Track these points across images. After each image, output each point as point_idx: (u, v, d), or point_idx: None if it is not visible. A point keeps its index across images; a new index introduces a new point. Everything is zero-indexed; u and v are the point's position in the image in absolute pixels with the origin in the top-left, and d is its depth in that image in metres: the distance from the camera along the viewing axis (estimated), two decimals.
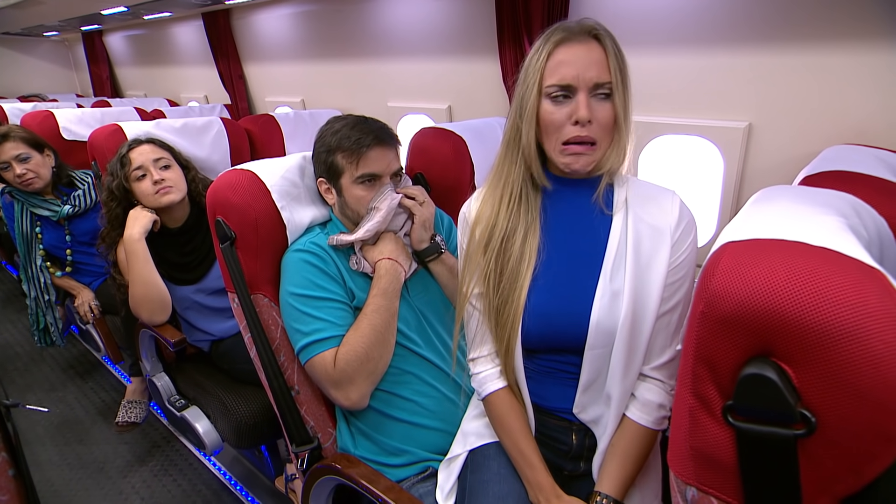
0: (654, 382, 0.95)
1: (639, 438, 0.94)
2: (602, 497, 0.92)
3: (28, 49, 5.39)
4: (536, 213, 0.98)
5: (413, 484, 1.12)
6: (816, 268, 0.44)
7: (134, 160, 1.56)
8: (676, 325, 0.94)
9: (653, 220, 0.94)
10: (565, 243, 0.97)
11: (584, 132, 0.87)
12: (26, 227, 2.07)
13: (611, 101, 0.87)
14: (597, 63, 0.86)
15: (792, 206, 0.58)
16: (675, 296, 0.92)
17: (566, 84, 0.87)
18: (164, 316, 1.59)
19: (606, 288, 0.92)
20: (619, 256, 0.93)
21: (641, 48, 1.56)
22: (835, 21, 1.23)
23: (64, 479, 1.95)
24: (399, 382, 1.15)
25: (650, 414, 0.93)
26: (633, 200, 0.96)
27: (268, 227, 1.15)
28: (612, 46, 0.87)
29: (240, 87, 3.35)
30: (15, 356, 2.81)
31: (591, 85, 0.86)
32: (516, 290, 0.95)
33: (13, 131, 2.00)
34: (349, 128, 1.14)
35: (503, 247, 0.97)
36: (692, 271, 0.94)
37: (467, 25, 2.02)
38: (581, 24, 0.88)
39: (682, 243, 0.93)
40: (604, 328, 0.91)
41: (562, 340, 0.95)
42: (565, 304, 0.94)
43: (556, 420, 1.01)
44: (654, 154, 1.64)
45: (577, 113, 0.86)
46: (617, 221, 0.95)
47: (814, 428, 0.44)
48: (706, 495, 0.53)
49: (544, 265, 0.96)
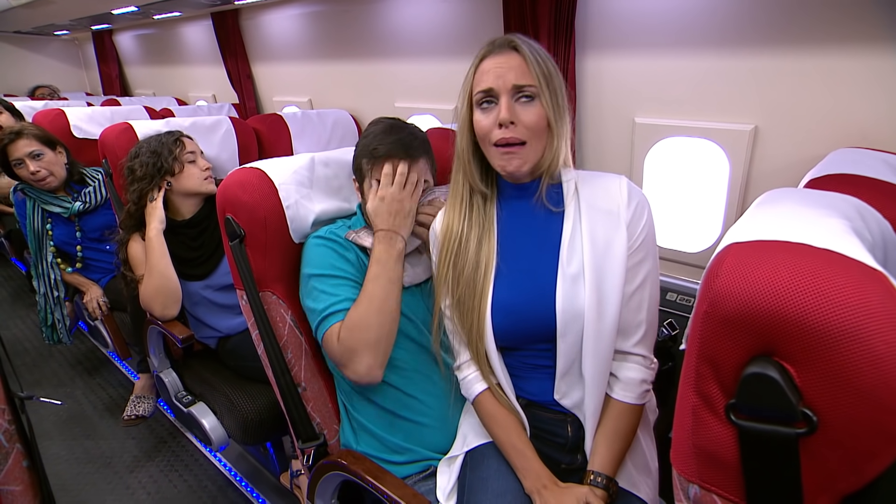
0: (634, 360, 1.00)
1: (625, 415, 0.98)
2: (595, 475, 0.96)
3: (39, 48, 5.44)
4: (491, 218, 1.04)
5: (415, 482, 1.13)
6: (819, 269, 0.44)
7: (187, 144, 1.67)
8: (648, 301, 0.98)
9: (604, 204, 0.99)
10: (523, 243, 1.02)
11: (509, 133, 0.93)
12: (37, 223, 2.10)
13: (537, 103, 0.93)
14: (515, 68, 0.93)
15: (796, 209, 0.59)
16: (639, 275, 0.97)
17: (488, 88, 0.94)
18: (175, 310, 1.62)
19: (566, 274, 0.96)
20: (575, 242, 0.98)
21: (648, 50, 1.57)
22: (841, 24, 1.23)
23: (72, 474, 1.97)
24: (408, 379, 1.16)
25: (633, 391, 0.98)
26: (582, 190, 1.02)
27: (276, 225, 1.16)
28: (532, 54, 0.93)
29: (248, 86, 3.37)
30: (24, 351, 2.84)
31: (511, 88, 0.93)
32: (476, 297, 1.00)
33: (26, 129, 2.04)
34: (378, 134, 1.14)
35: (458, 254, 1.03)
36: (653, 249, 1.00)
37: (475, 26, 2.03)
38: (503, 38, 0.97)
39: (637, 223, 0.98)
40: (570, 314, 0.95)
41: (533, 333, 0.99)
42: (529, 297, 0.98)
43: (550, 413, 1.03)
44: (660, 156, 1.64)
45: (500, 115, 0.92)
46: (569, 211, 1.01)
47: (815, 427, 0.45)
48: (708, 493, 0.54)
49: (505, 266, 1.01)
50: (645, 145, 1.64)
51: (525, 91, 0.93)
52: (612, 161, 1.77)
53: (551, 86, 0.93)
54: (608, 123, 1.74)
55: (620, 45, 1.62)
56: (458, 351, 1.08)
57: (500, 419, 1.03)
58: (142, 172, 1.60)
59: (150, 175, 1.60)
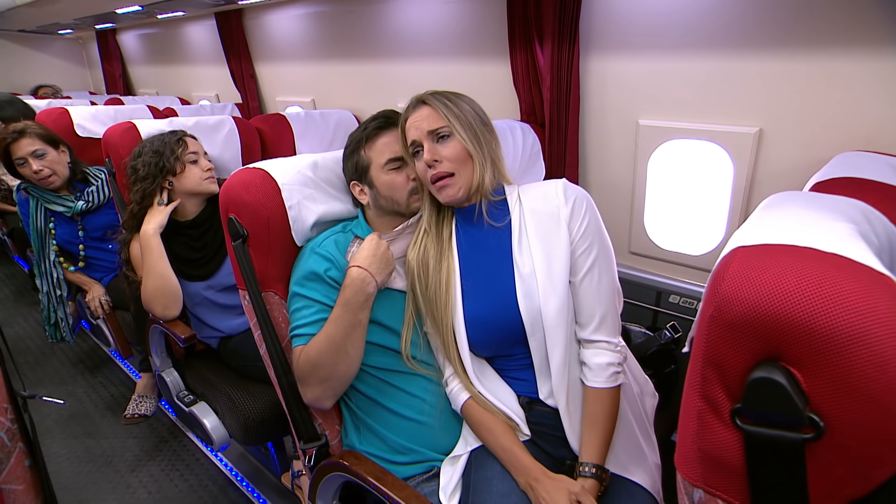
0: (598, 346, 1.07)
1: (600, 400, 1.04)
2: (583, 465, 1.00)
3: (43, 46, 5.45)
4: (448, 240, 1.14)
5: (418, 483, 1.12)
6: (826, 273, 0.44)
7: (190, 144, 1.66)
8: (601, 287, 1.06)
9: (544, 207, 1.10)
10: (481, 259, 1.12)
11: (436, 170, 1.05)
12: (40, 222, 2.10)
13: (454, 139, 1.06)
14: (427, 118, 1.07)
15: (802, 212, 0.58)
16: (587, 262, 1.06)
17: (412, 141, 1.09)
18: (177, 309, 1.62)
19: (521, 275, 1.06)
20: (524, 242, 1.09)
21: (652, 52, 1.56)
22: (847, 27, 1.23)
23: (73, 472, 1.98)
24: (410, 380, 1.16)
25: (601, 375, 1.05)
26: (524, 197, 1.13)
27: (279, 225, 1.16)
28: (440, 102, 1.07)
29: (251, 86, 3.37)
30: (26, 349, 2.85)
31: (427, 133, 1.07)
32: (444, 314, 1.09)
33: (29, 128, 2.05)
34: (360, 126, 1.20)
35: (421, 277, 1.12)
36: (598, 237, 1.08)
37: (478, 27, 2.02)
38: (414, 98, 1.12)
39: (577, 217, 1.07)
40: (532, 312, 1.04)
41: (507, 338, 1.08)
42: (495, 306, 1.08)
43: (547, 408, 1.08)
44: (664, 159, 1.63)
45: (425, 158, 1.06)
46: (515, 219, 1.11)
47: (822, 432, 0.44)
48: (713, 498, 0.53)
49: (469, 282, 1.11)
50: (648, 148, 1.64)
51: (439, 132, 1.06)
52: (614, 163, 1.77)
53: (463, 121, 1.06)
54: (611, 126, 1.73)
55: (624, 47, 1.62)
56: (442, 365, 1.15)
57: (485, 424, 1.07)
58: (144, 172, 1.60)
59: (153, 175, 1.59)
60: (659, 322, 1.72)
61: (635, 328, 1.62)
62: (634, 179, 1.71)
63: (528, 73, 1.79)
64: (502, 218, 1.12)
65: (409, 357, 1.14)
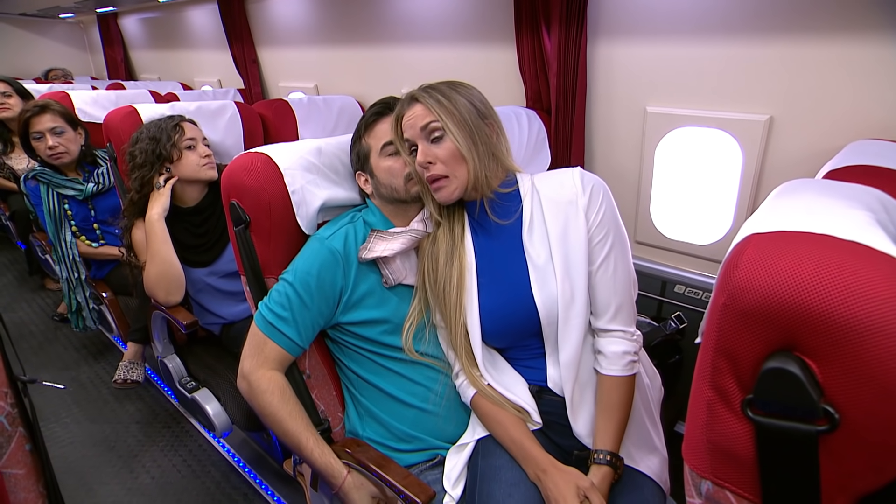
0: (613, 335, 1.06)
1: (616, 388, 1.04)
2: (598, 452, 1.00)
3: (44, 30, 5.42)
4: (461, 234, 1.12)
5: (422, 471, 1.12)
6: (845, 261, 0.43)
7: (187, 129, 1.62)
8: (617, 276, 1.05)
9: (559, 196, 1.08)
10: (495, 252, 1.10)
11: (430, 171, 1.03)
12: (54, 205, 2.11)
13: (447, 139, 1.02)
14: (419, 115, 1.04)
15: (817, 200, 0.57)
16: (604, 248, 1.05)
17: (407, 138, 1.06)
18: (179, 295, 1.62)
19: (536, 266, 1.05)
20: (535, 232, 1.07)
21: (661, 37, 1.53)
22: (862, 13, 1.20)
23: (75, 457, 1.98)
24: (413, 368, 1.15)
25: (618, 363, 1.04)
26: (539, 185, 1.11)
27: (281, 211, 1.15)
28: (431, 97, 1.03)
29: (253, 71, 3.34)
30: (29, 334, 2.86)
31: (419, 130, 1.03)
32: (453, 309, 1.08)
33: (51, 105, 2.09)
34: (368, 110, 1.18)
35: (429, 272, 1.11)
36: (614, 226, 1.06)
37: (484, 12, 1.99)
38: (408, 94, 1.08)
39: (594, 206, 1.05)
40: (549, 302, 1.03)
41: (522, 329, 1.07)
42: (509, 297, 1.07)
43: (555, 396, 1.08)
44: (672, 146, 1.61)
45: (418, 160, 1.04)
46: (527, 206, 1.09)
47: (837, 424, 0.43)
48: (722, 489, 0.53)
49: (485, 277, 1.09)
50: (656, 135, 1.61)
51: (433, 133, 1.03)
52: (621, 151, 1.74)
53: (457, 119, 1.02)
54: (619, 113, 1.71)
55: (633, 32, 1.59)
56: (452, 359, 1.14)
57: (495, 416, 1.06)
58: (142, 159, 1.58)
59: (150, 162, 1.58)
60: (664, 312, 1.71)
61: (640, 318, 1.61)
62: (641, 168, 1.69)
63: (534, 58, 1.76)
64: (512, 211, 1.10)
65: (410, 350, 1.13)
